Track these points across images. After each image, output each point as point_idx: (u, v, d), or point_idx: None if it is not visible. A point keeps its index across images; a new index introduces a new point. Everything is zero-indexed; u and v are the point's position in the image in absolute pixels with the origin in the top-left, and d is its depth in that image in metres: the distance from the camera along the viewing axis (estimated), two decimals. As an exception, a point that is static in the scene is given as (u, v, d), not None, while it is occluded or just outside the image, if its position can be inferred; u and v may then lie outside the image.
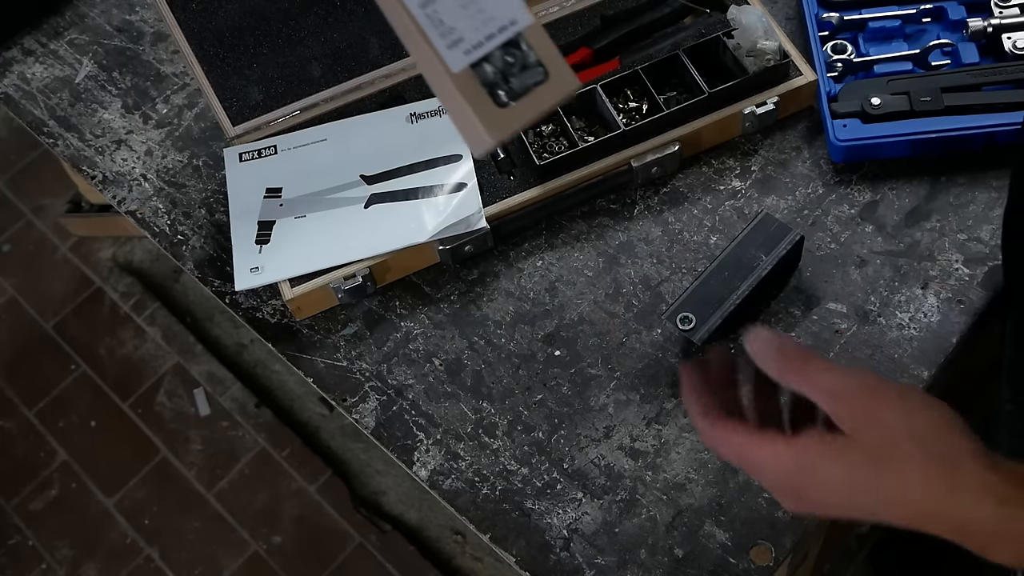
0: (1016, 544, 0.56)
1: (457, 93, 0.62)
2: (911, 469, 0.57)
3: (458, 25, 0.62)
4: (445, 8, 0.62)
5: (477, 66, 0.62)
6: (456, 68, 0.62)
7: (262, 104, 1.09)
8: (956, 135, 0.99)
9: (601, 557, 0.88)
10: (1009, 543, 0.56)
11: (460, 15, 0.62)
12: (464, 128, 0.64)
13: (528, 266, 1.03)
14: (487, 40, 0.63)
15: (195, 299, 2.15)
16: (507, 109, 0.63)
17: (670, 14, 1.11)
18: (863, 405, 0.59)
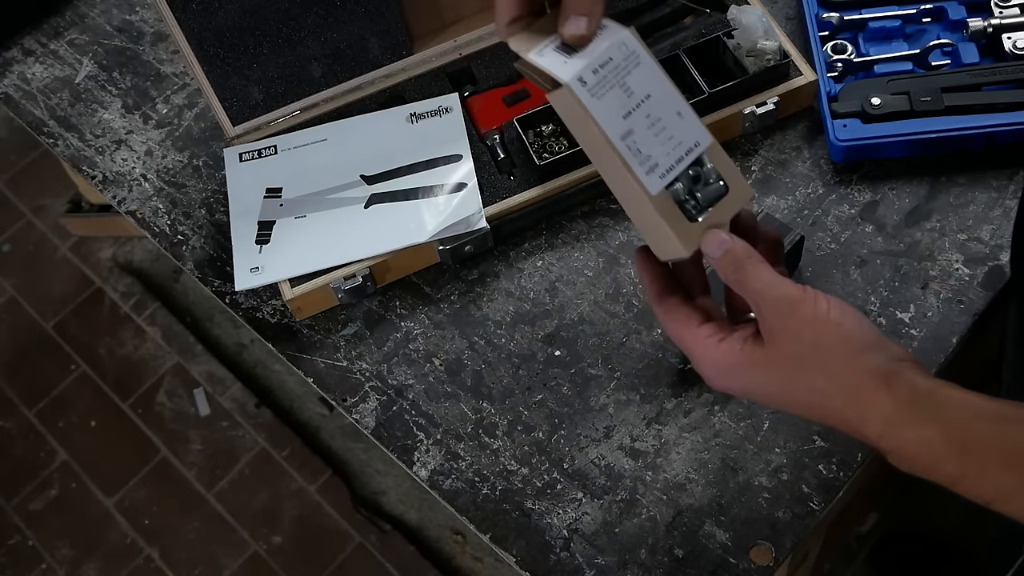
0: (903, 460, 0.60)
1: (655, 212, 0.68)
2: (815, 381, 0.62)
3: (653, 152, 0.68)
4: (642, 138, 0.68)
5: (670, 186, 0.68)
6: (655, 191, 0.68)
7: (262, 104, 1.09)
8: (956, 135, 0.99)
9: (601, 557, 0.88)
10: (896, 458, 0.60)
11: (654, 143, 0.68)
12: (659, 242, 0.70)
13: (528, 266, 1.03)
14: (677, 163, 0.69)
15: (195, 299, 2.15)
16: (697, 222, 0.69)
17: (670, 14, 1.11)
18: (781, 315, 0.63)
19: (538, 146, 1.05)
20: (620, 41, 0.68)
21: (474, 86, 1.10)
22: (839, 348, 0.62)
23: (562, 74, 0.67)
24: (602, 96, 0.67)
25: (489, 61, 1.11)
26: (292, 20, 1.04)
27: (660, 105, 0.69)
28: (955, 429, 0.58)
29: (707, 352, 0.66)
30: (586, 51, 0.68)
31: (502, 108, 1.07)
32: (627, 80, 0.68)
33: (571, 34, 0.66)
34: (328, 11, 1.05)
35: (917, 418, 0.59)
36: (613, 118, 0.67)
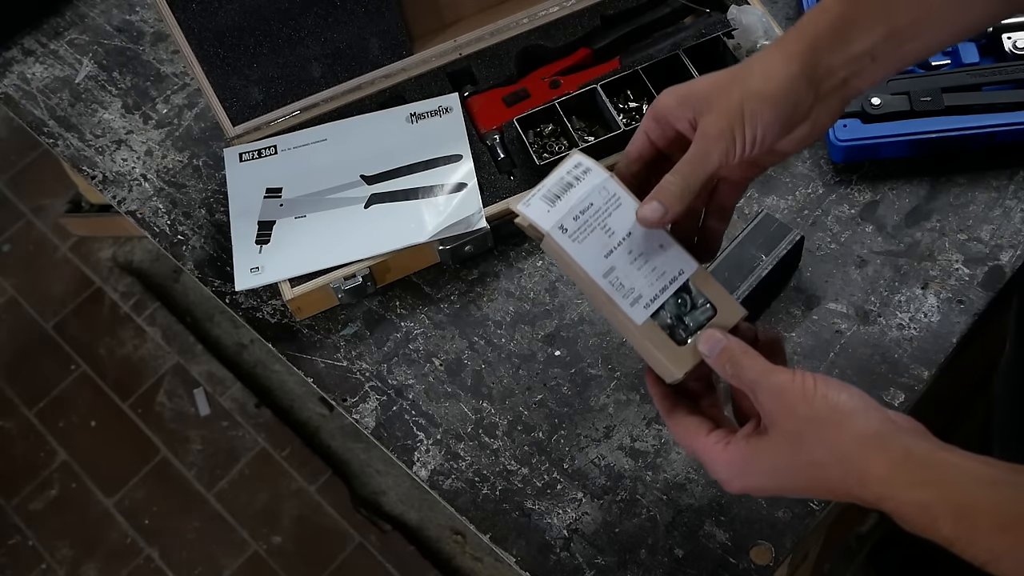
0: (902, 521, 0.61)
1: (643, 340, 0.72)
2: (815, 453, 0.64)
3: (636, 285, 0.73)
4: (624, 273, 0.73)
5: (656, 314, 0.73)
6: (640, 321, 0.72)
7: (262, 104, 1.09)
8: (956, 135, 0.99)
9: (601, 557, 0.88)
10: (897, 519, 0.62)
11: (637, 276, 0.73)
12: (654, 364, 0.74)
13: (528, 266, 1.03)
14: (662, 292, 0.73)
15: (195, 299, 2.15)
16: (686, 345, 0.72)
17: (670, 14, 1.11)
18: (776, 398, 0.66)
19: (538, 146, 1.05)
20: (600, 186, 0.74)
21: (474, 86, 1.10)
22: (830, 418, 0.64)
23: (543, 223, 0.73)
24: (583, 239, 0.73)
25: (489, 61, 1.11)
26: (292, 20, 1.04)
27: (642, 240, 0.73)
28: (949, 492, 0.60)
29: (717, 456, 0.69)
30: (567, 197, 0.74)
31: (502, 108, 1.07)
32: (608, 222, 0.73)
33: (642, 215, 0.71)
34: (328, 11, 1.05)
35: (912, 480, 0.61)
36: (595, 258, 0.73)
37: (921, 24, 0.67)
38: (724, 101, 0.69)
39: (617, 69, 1.06)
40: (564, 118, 1.04)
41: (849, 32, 0.68)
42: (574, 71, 1.10)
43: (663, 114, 0.73)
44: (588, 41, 1.11)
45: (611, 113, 1.03)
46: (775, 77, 0.68)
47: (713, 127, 0.69)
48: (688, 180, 0.70)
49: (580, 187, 0.74)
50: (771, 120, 0.68)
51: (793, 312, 0.97)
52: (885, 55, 0.68)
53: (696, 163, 0.70)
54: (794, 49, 0.69)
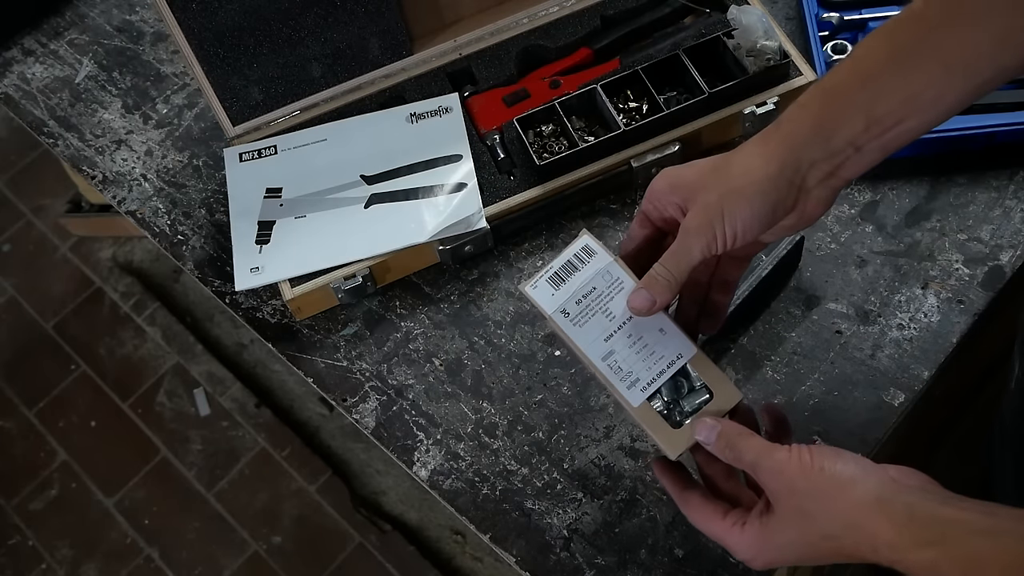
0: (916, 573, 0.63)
1: (640, 422, 0.74)
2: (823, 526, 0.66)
3: (634, 368, 0.75)
4: (623, 357, 0.75)
5: (652, 398, 0.75)
6: (636, 403, 0.74)
7: (262, 104, 1.09)
8: (956, 135, 0.99)
9: (601, 557, 0.88)
10: None
11: (635, 360, 0.75)
12: (650, 440, 0.77)
13: (528, 266, 1.03)
14: (659, 376, 0.75)
15: (195, 299, 2.15)
16: (681, 430, 0.74)
17: (670, 14, 1.11)
18: (776, 477, 0.67)
19: (538, 146, 1.05)
20: (604, 270, 0.77)
21: (474, 86, 1.10)
22: (830, 490, 0.65)
23: (546, 307, 0.76)
24: (584, 323, 0.76)
25: (489, 61, 1.11)
26: (292, 20, 1.04)
27: (642, 325, 0.75)
28: (955, 549, 0.61)
29: (736, 539, 0.70)
30: (572, 281, 0.77)
31: (502, 108, 1.07)
32: (609, 305, 0.76)
33: (633, 306, 0.74)
34: (328, 11, 1.05)
35: (918, 541, 0.62)
36: (594, 342, 0.75)
37: (901, 111, 0.68)
38: (704, 196, 0.71)
39: (617, 69, 1.06)
40: (564, 118, 1.04)
41: (828, 126, 0.68)
42: (574, 71, 1.10)
43: (657, 196, 0.75)
44: (588, 41, 1.11)
45: (611, 113, 1.03)
46: (753, 177, 0.69)
47: (693, 221, 0.71)
48: (673, 272, 0.73)
49: (585, 270, 0.77)
50: (748, 216, 0.70)
51: (793, 312, 0.97)
52: (869, 143, 0.68)
53: (680, 256, 0.72)
54: (773, 148, 0.70)
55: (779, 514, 0.68)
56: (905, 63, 0.67)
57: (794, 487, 0.66)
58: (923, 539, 0.62)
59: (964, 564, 0.60)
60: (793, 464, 0.66)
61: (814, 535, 0.66)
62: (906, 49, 0.68)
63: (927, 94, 0.68)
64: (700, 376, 0.76)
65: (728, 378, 0.77)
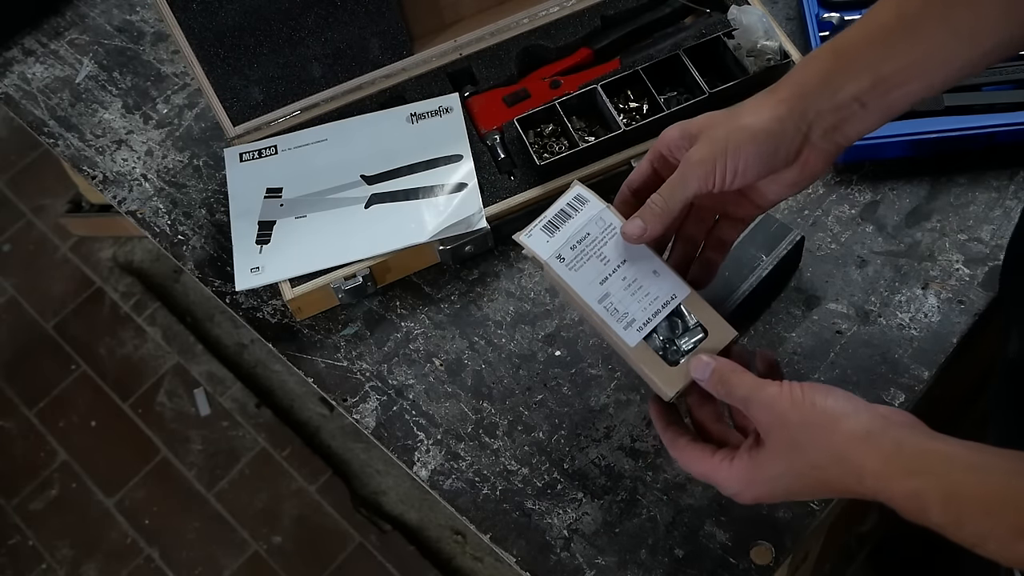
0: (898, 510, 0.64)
1: (637, 361, 0.76)
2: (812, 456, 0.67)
3: (629, 310, 0.77)
4: (618, 299, 0.77)
5: (648, 337, 0.77)
6: (633, 343, 0.76)
7: (262, 104, 1.09)
8: (956, 135, 0.99)
9: (601, 557, 0.88)
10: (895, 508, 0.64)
11: (630, 300, 0.77)
12: (649, 382, 0.78)
13: (528, 266, 1.03)
14: (654, 316, 0.77)
15: (195, 299, 2.15)
16: (678, 367, 0.76)
17: (670, 14, 1.11)
18: (768, 411, 0.68)
19: (538, 146, 1.05)
20: (597, 216, 0.79)
21: (474, 86, 1.10)
22: (821, 422, 0.66)
23: (542, 253, 0.78)
24: (579, 267, 0.78)
25: (489, 61, 1.11)
26: (292, 20, 1.04)
27: (636, 267, 0.78)
28: (939, 480, 0.62)
29: (724, 473, 0.72)
30: (566, 228, 0.79)
31: (502, 108, 1.07)
32: (603, 250, 0.78)
33: (625, 231, 0.76)
34: (328, 11, 1.05)
35: (904, 471, 0.63)
36: (590, 285, 0.77)
37: (907, 72, 0.69)
38: (711, 132, 0.73)
39: (617, 69, 1.07)
40: (564, 118, 1.04)
41: (836, 79, 0.70)
42: (574, 71, 1.10)
43: (666, 144, 0.77)
44: (588, 41, 1.11)
45: (611, 113, 1.03)
46: (762, 116, 0.71)
47: (696, 154, 0.73)
48: (668, 201, 0.74)
49: (578, 217, 0.79)
50: (752, 154, 0.71)
51: (793, 312, 0.97)
52: (873, 101, 0.70)
53: (676, 187, 0.74)
54: (784, 94, 0.72)
55: (769, 447, 0.69)
56: (913, 27, 0.69)
57: (785, 420, 0.67)
58: (908, 469, 0.63)
59: (946, 494, 0.61)
60: (784, 398, 0.68)
61: (803, 466, 0.67)
62: (915, 14, 0.69)
63: (934, 58, 0.69)
64: (694, 315, 0.77)
65: (721, 317, 0.78)
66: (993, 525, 0.60)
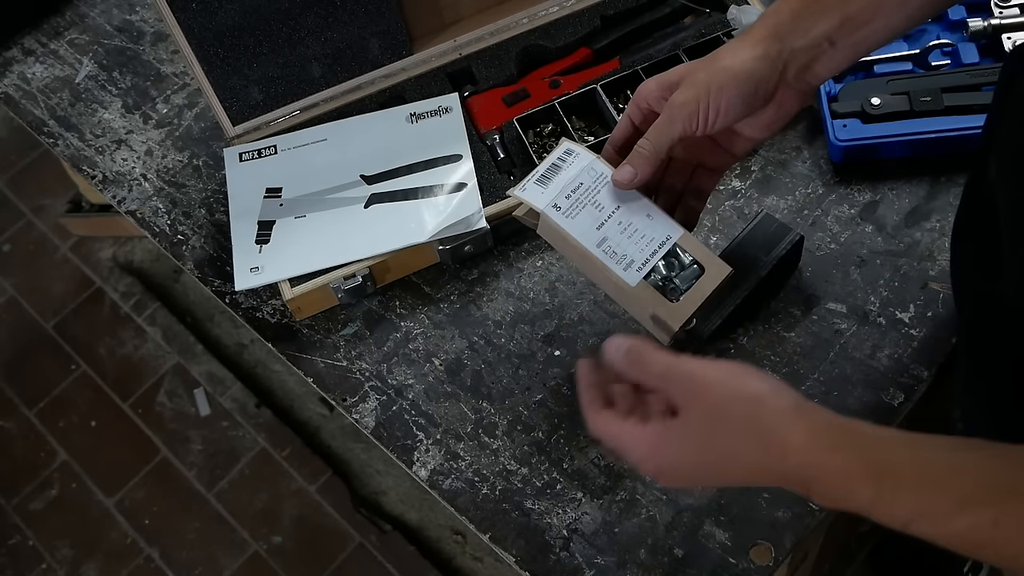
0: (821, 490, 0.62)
1: (640, 301, 0.80)
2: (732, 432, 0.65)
3: (628, 252, 0.80)
4: (616, 242, 0.80)
5: (648, 277, 0.80)
6: (634, 283, 0.80)
7: (262, 104, 1.09)
8: (956, 135, 0.99)
9: (601, 557, 0.88)
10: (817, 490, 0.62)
11: (627, 243, 0.80)
12: (649, 325, 0.81)
13: (528, 266, 1.03)
14: (652, 256, 0.81)
15: (195, 299, 2.15)
16: (679, 303, 0.80)
17: (670, 14, 1.11)
18: (686, 386, 0.67)
19: (538, 146, 1.05)
20: (588, 167, 0.82)
21: (474, 86, 1.10)
22: (747, 395, 0.65)
23: (538, 203, 0.81)
24: (576, 215, 0.81)
25: (489, 61, 1.11)
26: (292, 20, 1.04)
27: (630, 212, 0.81)
28: (870, 453, 0.61)
29: (635, 435, 0.68)
30: (558, 179, 0.82)
31: (502, 108, 1.07)
32: (597, 198, 0.81)
33: (615, 178, 0.80)
34: (328, 11, 1.05)
35: (833, 444, 0.62)
36: (588, 231, 0.80)
37: (870, 11, 0.73)
38: (693, 77, 0.77)
39: (617, 69, 1.07)
40: (564, 118, 1.04)
41: (808, 19, 0.74)
42: (574, 71, 1.10)
43: (644, 98, 0.80)
44: (588, 41, 1.11)
45: (611, 113, 1.03)
46: (740, 56, 0.75)
47: (680, 97, 0.77)
48: (655, 144, 0.78)
49: (570, 169, 0.82)
50: (734, 94, 0.75)
51: (793, 312, 0.97)
52: (841, 40, 0.74)
53: (662, 129, 0.77)
54: (759, 35, 0.76)
55: (686, 417, 0.66)
56: None
57: (708, 390, 0.66)
58: (838, 443, 0.62)
59: (877, 469, 0.60)
60: (708, 371, 0.66)
61: (720, 438, 0.65)
62: None
63: None
64: (690, 254, 0.81)
65: (714, 254, 0.82)
66: (931, 499, 0.58)
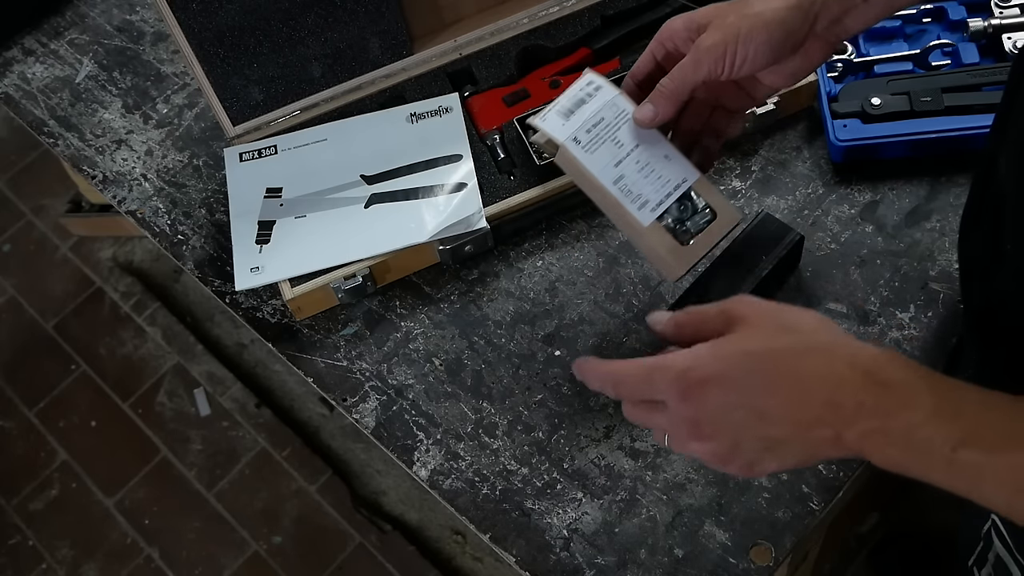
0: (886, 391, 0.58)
1: (650, 240, 0.81)
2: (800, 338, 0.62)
3: (643, 191, 0.81)
4: (632, 181, 0.81)
5: (660, 218, 0.82)
6: (646, 223, 0.81)
7: (262, 104, 1.09)
8: (956, 135, 0.99)
9: (601, 557, 0.88)
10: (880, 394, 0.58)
11: (643, 183, 0.81)
12: (657, 264, 0.84)
13: (528, 266, 1.03)
14: (666, 198, 0.82)
15: (195, 299, 2.15)
16: (689, 246, 0.82)
17: (670, 14, 1.10)
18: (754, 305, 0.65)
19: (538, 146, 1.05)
20: (611, 102, 0.82)
21: (474, 86, 1.10)
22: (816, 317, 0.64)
23: (558, 135, 0.81)
24: (595, 150, 0.81)
25: (489, 61, 1.11)
26: (292, 20, 1.04)
27: (649, 151, 0.82)
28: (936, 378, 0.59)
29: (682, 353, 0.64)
30: (580, 112, 0.82)
31: (502, 108, 1.07)
32: (617, 134, 0.82)
33: (637, 116, 0.81)
34: (328, 11, 1.05)
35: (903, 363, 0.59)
36: (605, 167, 0.81)
37: None
38: (723, 20, 0.76)
39: (617, 69, 1.06)
40: (564, 118, 1.03)
41: None
42: (574, 71, 1.10)
43: (669, 36, 0.80)
44: (588, 41, 1.11)
45: (611, 113, 1.03)
46: (772, 4, 0.75)
47: (708, 40, 0.76)
48: (678, 85, 0.78)
49: (592, 103, 0.82)
50: (763, 42, 0.74)
51: (793, 312, 0.97)
52: None
53: (687, 70, 0.77)
54: None
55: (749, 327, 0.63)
56: None
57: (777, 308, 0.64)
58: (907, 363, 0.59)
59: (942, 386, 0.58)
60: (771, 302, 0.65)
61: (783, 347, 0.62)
62: None
63: None
64: (704, 198, 0.82)
65: (727, 201, 0.83)
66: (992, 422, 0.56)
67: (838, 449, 0.60)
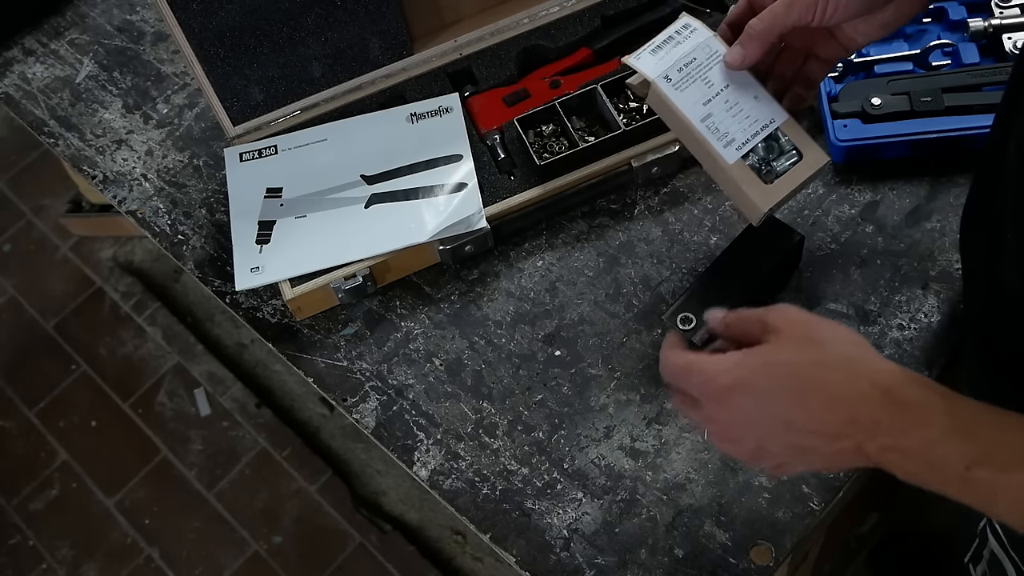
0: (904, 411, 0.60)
1: (734, 179, 0.83)
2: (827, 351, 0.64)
3: (730, 130, 0.83)
4: (720, 120, 0.83)
5: (746, 157, 0.83)
6: (731, 161, 0.83)
7: (262, 104, 1.09)
8: (956, 135, 0.99)
9: (601, 557, 0.88)
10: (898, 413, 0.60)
11: (731, 122, 0.83)
12: (740, 203, 0.85)
13: (528, 266, 1.03)
14: (752, 137, 0.83)
15: (195, 299, 2.15)
16: (772, 185, 0.83)
17: (670, 14, 1.11)
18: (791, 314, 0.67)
19: (538, 146, 1.05)
20: (704, 43, 0.84)
21: (474, 86, 1.10)
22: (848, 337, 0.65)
23: (650, 72, 0.83)
24: (685, 89, 0.83)
25: (489, 61, 1.11)
26: (292, 20, 1.04)
27: (738, 92, 0.83)
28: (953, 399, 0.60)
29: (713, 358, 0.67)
30: (673, 52, 0.84)
31: (502, 108, 1.07)
32: (708, 75, 0.83)
33: (726, 59, 0.82)
34: (328, 11, 1.05)
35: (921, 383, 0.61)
36: (694, 105, 0.83)
37: None
38: None
39: (617, 69, 1.07)
40: (564, 118, 1.04)
41: None
42: (574, 71, 1.10)
43: None
44: (588, 41, 1.11)
45: (611, 113, 1.03)
46: None
47: None
48: (767, 26, 0.78)
49: (685, 44, 0.84)
50: None
51: (793, 312, 0.97)
52: None
53: (777, 14, 0.78)
54: None
55: (778, 339, 0.65)
56: None
57: (807, 318, 0.66)
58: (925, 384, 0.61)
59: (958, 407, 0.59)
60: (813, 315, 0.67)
61: (810, 359, 0.64)
62: None
63: None
64: (791, 140, 0.84)
65: (815, 143, 0.84)
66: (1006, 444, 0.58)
67: (862, 459, 0.62)
